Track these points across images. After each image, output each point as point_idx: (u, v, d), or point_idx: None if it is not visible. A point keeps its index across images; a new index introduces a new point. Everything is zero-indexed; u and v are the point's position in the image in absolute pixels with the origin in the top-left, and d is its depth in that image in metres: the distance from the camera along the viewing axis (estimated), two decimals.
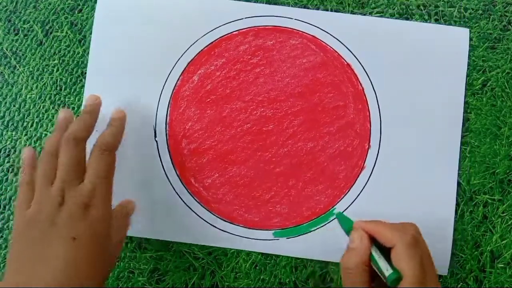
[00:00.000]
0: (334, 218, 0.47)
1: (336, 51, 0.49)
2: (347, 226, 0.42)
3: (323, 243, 0.47)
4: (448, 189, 0.48)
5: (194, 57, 0.49)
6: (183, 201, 0.48)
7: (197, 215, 0.48)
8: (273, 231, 0.48)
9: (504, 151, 0.49)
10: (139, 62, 0.49)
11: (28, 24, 0.50)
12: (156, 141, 0.48)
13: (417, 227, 0.40)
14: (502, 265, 0.48)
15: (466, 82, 0.49)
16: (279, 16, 0.49)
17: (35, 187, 0.41)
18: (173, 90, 0.49)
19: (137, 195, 0.47)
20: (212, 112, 0.49)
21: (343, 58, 0.49)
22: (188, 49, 0.49)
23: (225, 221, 0.48)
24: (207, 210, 0.48)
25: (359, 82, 0.49)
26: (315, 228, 0.48)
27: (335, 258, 0.47)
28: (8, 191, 0.49)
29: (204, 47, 0.49)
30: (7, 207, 0.48)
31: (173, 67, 0.49)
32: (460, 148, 0.48)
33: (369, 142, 0.48)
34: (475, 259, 0.48)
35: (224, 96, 0.49)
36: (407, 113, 0.48)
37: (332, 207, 0.48)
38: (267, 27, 0.49)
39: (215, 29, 0.49)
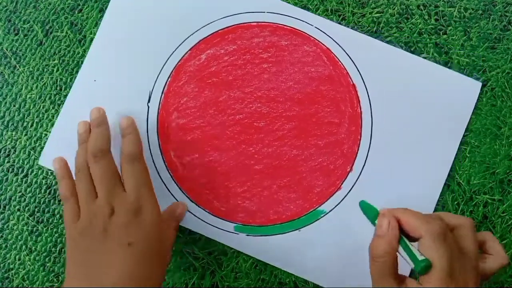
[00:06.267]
0: (298, 229, 0.47)
1: (345, 69, 0.49)
2: (372, 213, 0.42)
3: (280, 249, 0.47)
4: None
5: (208, 35, 0.49)
6: (157, 170, 0.48)
7: (167, 188, 0.48)
8: (234, 225, 0.48)
9: (504, 151, 0.49)
10: (152, 29, 0.49)
11: (28, 24, 0.50)
12: (148, 107, 0.49)
13: (444, 222, 0.39)
14: None
15: (464, 133, 0.48)
16: (300, 20, 0.49)
17: (79, 202, 0.42)
18: (178, 62, 0.49)
19: (113, 151, 0.45)
20: (210, 94, 0.49)
21: (351, 78, 0.49)
22: (204, 26, 0.49)
23: (192, 201, 0.48)
24: (178, 187, 0.48)
25: (359, 105, 0.48)
26: (276, 233, 0.47)
27: (290, 268, 0.47)
28: (8, 191, 0.49)
29: (220, 29, 0.49)
30: (7, 207, 0.48)
31: (185, 40, 0.49)
32: (448, 176, 0.48)
33: (352, 165, 0.48)
34: None
35: (225, 81, 0.49)
36: (397, 147, 0.48)
37: (299, 217, 0.48)
38: (285, 26, 0.49)
39: (235, 14, 0.49)
